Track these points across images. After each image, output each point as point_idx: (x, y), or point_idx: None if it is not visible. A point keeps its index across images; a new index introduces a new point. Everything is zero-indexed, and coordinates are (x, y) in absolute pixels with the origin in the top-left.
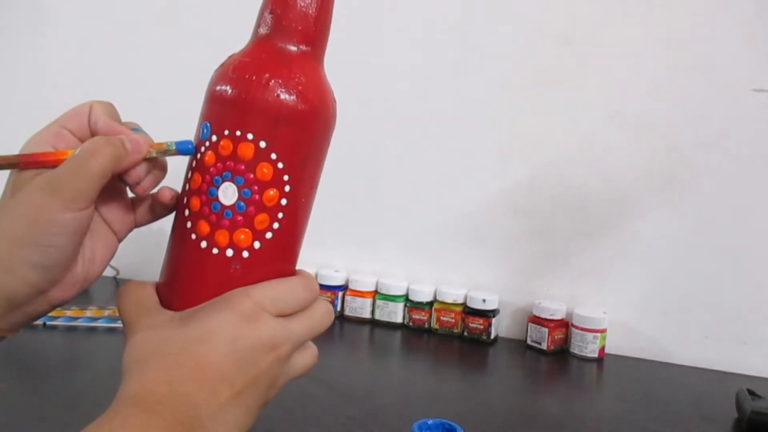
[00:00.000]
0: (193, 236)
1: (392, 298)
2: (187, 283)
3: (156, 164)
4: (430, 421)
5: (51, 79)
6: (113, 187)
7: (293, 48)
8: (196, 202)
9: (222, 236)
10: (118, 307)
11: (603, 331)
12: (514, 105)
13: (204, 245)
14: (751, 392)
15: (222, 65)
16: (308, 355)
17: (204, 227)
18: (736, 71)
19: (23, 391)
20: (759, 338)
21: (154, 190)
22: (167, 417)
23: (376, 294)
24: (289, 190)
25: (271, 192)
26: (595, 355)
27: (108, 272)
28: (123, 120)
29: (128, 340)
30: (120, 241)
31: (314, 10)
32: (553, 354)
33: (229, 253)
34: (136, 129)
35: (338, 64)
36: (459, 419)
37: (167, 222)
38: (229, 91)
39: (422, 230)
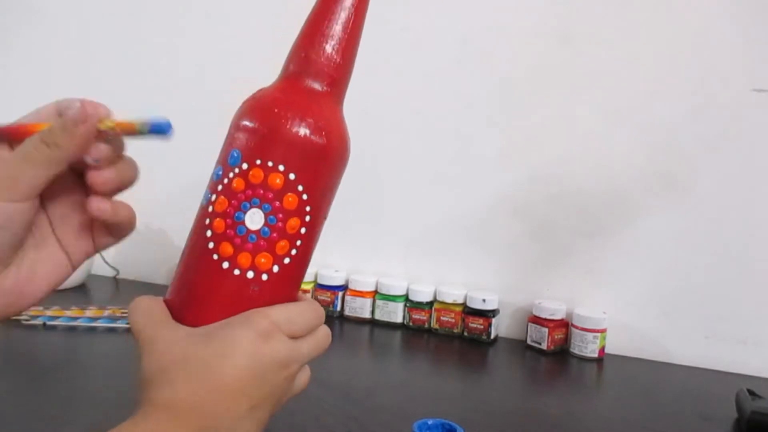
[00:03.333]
0: (215, 256)
1: (392, 298)
2: (205, 299)
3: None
4: (430, 421)
5: (47, 78)
6: (73, 204)
7: (321, 89)
8: (220, 224)
9: (244, 259)
10: (131, 320)
11: (603, 331)
12: (514, 105)
13: (226, 266)
14: (751, 392)
15: (253, 98)
16: (305, 375)
17: (227, 249)
18: (735, 71)
19: (23, 391)
20: (759, 338)
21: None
22: (193, 426)
23: (376, 294)
24: (309, 219)
25: (294, 221)
26: (595, 355)
27: (108, 272)
28: None
29: (147, 350)
30: (74, 267)
31: (342, 56)
32: (553, 354)
33: (250, 275)
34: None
35: None
36: (459, 419)
37: (168, 222)
38: (264, 124)
39: (422, 230)
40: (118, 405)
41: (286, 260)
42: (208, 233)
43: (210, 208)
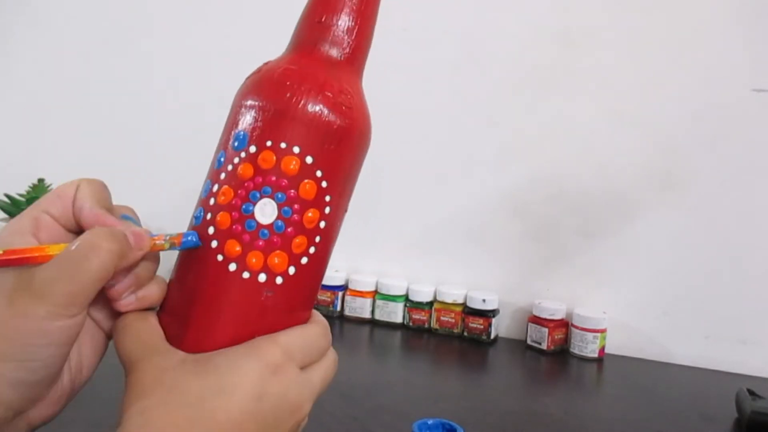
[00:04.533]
0: (220, 257)
1: (392, 298)
2: (210, 309)
3: (144, 261)
4: (430, 421)
5: (47, 78)
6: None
7: (339, 59)
8: (224, 219)
9: (255, 258)
10: (117, 343)
11: (603, 331)
12: (514, 104)
13: (233, 268)
14: (751, 392)
15: (259, 72)
16: (309, 408)
17: (234, 247)
18: (735, 71)
19: None
20: (759, 338)
21: (143, 292)
22: None
23: (376, 294)
24: (328, 212)
25: (311, 213)
26: (595, 355)
27: None
28: (114, 203)
29: (132, 381)
30: (110, 339)
31: (360, 23)
32: (553, 354)
33: (262, 278)
34: (126, 217)
35: None
36: (459, 419)
37: (167, 223)
38: (274, 100)
39: (422, 230)
40: (118, 405)
41: (304, 260)
42: (211, 230)
43: (212, 201)
